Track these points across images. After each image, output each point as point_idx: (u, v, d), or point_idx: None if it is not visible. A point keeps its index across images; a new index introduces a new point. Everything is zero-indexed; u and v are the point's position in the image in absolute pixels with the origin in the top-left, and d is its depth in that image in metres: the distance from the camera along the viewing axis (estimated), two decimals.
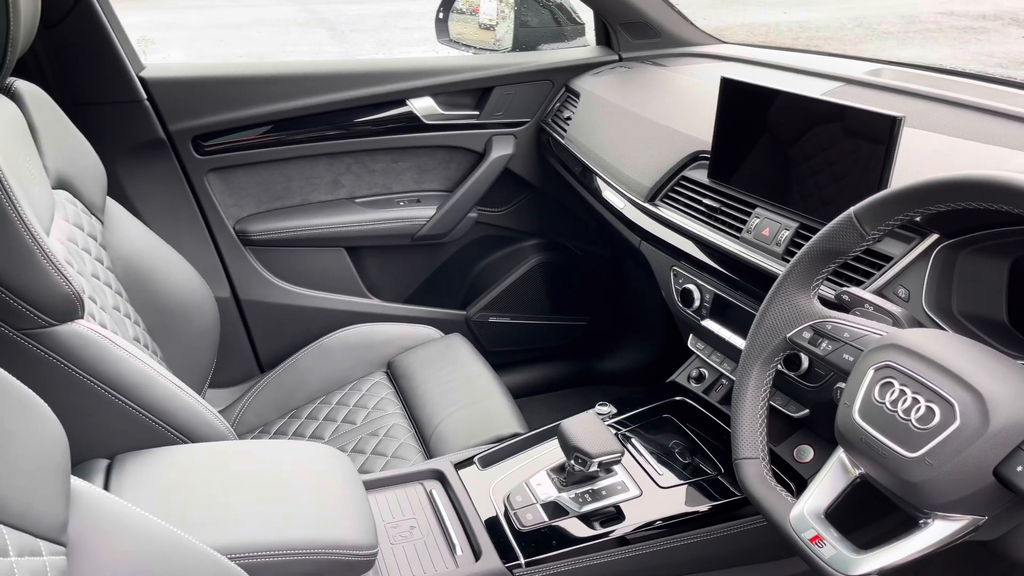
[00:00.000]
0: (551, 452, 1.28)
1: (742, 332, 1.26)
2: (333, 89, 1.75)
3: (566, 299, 2.12)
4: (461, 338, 1.74)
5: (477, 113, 1.88)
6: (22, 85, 1.28)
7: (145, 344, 1.40)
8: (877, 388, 0.82)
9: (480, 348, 1.78)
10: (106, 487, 1.02)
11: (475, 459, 1.29)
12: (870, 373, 0.83)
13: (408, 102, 1.82)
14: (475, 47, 2.05)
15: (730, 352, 1.33)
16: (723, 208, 1.30)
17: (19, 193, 1.02)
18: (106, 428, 1.08)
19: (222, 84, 1.69)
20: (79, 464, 1.08)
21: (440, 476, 1.25)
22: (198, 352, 1.58)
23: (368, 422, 1.56)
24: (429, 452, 1.45)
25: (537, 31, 2.01)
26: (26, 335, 1.02)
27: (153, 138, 1.65)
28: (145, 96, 1.63)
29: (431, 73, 1.82)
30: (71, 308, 1.04)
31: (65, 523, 0.73)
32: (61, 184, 1.32)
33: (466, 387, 1.58)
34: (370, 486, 1.21)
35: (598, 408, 1.37)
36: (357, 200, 1.89)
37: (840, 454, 0.88)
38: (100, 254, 1.38)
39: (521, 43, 1.98)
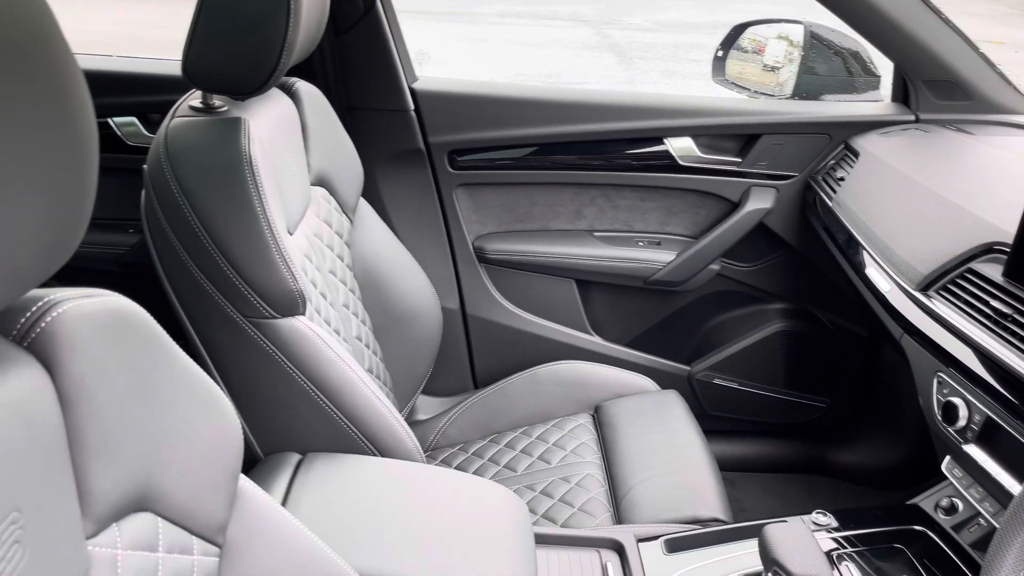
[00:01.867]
0: (750, 553, 1.12)
1: (1016, 472, 1.02)
2: (591, 119, 1.71)
3: (807, 375, 1.91)
4: (677, 396, 1.62)
5: (739, 160, 1.75)
6: (302, 86, 1.38)
7: (367, 343, 1.45)
8: None
9: (697, 409, 1.65)
10: (291, 481, 1.05)
11: (662, 539, 1.17)
12: None
13: (666, 141, 1.73)
14: (752, 90, 1.91)
15: (995, 491, 1.08)
16: (1016, 316, 1.07)
17: (270, 191, 1.08)
18: (304, 424, 1.12)
19: (484, 103, 1.72)
20: (274, 454, 1.12)
21: (619, 549, 1.15)
22: (417, 358, 1.61)
23: (563, 465, 1.49)
24: (618, 515, 1.36)
25: (823, 80, 1.82)
26: (251, 322, 1.07)
27: (413, 148, 1.72)
28: (412, 107, 1.69)
29: (695, 113, 1.72)
30: (293, 304, 1.08)
31: (225, 524, 0.74)
32: (320, 181, 1.40)
33: (672, 452, 1.46)
34: (543, 540, 1.14)
35: (815, 517, 1.19)
36: (596, 234, 1.83)
37: None
38: (342, 251, 1.44)
39: (802, 90, 1.80)
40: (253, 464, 1.12)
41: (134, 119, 1.68)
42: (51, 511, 0.55)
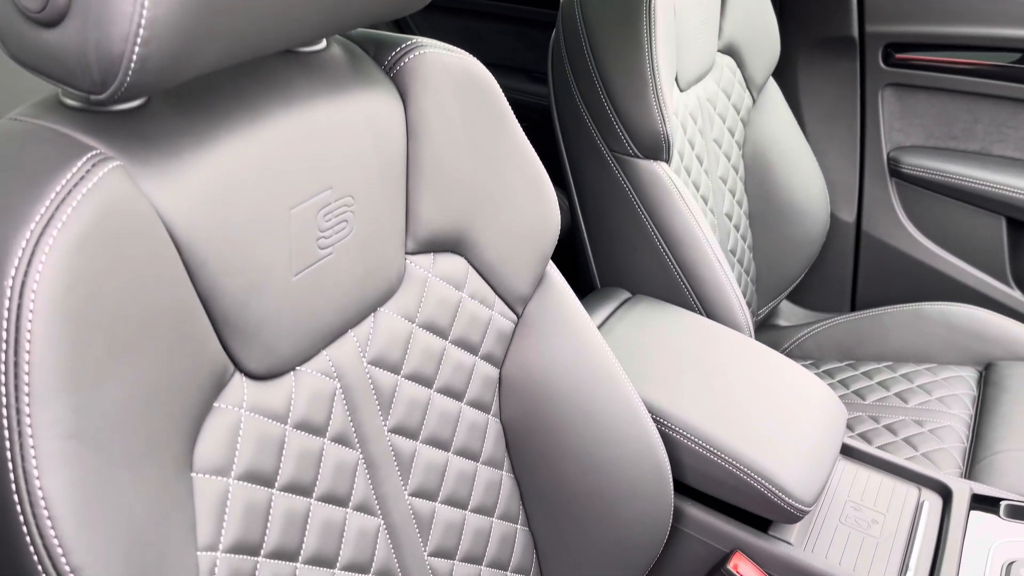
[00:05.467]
0: None
1: None
2: None
3: None
4: None
5: None
6: None
7: (736, 224, 1.42)
8: None
9: None
10: (614, 312, 1.10)
11: (1005, 503, 0.99)
12: None
13: None
14: None
15: None
16: None
17: (662, 38, 1.10)
18: (642, 266, 1.15)
19: None
20: (608, 287, 1.18)
21: (946, 493, 1.00)
22: (788, 259, 1.53)
23: (921, 408, 1.33)
24: (970, 474, 1.18)
25: None
26: (616, 157, 1.12)
27: (844, 35, 1.57)
28: None
29: None
30: (657, 148, 1.10)
31: (526, 298, 0.81)
32: (729, 50, 1.38)
33: None
34: (854, 454, 1.04)
35: None
36: None
37: None
38: (735, 126, 1.41)
39: None
40: (590, 291, 1.20)
41: None
42: (379, 211, 0.66)
